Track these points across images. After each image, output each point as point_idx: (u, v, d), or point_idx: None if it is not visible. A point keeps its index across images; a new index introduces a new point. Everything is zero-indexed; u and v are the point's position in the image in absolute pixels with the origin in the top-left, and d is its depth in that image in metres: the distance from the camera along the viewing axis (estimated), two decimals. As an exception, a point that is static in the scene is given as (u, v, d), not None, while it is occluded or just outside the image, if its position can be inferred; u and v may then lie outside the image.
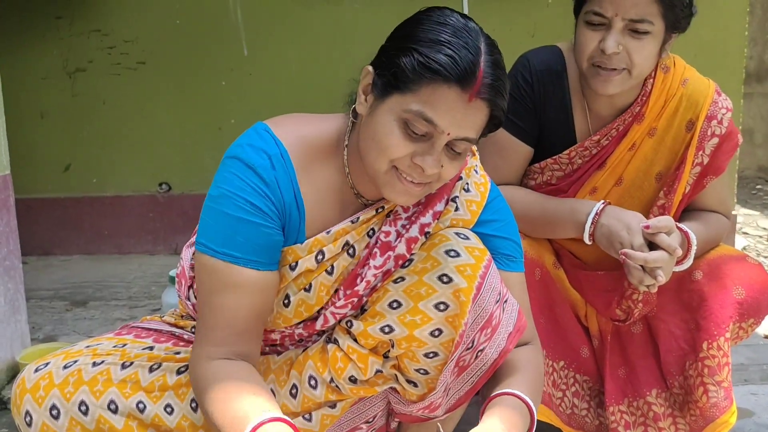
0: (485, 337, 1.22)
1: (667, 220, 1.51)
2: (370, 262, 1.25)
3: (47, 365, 1.28)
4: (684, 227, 1.58)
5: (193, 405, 1.27)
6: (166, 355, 1.31)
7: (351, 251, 1.27)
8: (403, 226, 1.27)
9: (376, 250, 1.26)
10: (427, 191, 1.20)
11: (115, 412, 1.25)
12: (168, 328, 1.41)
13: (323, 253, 1.24)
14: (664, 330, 1.68)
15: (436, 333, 1.19)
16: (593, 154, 1.69)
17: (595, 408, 1.74)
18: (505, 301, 1.25)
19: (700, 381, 1.58)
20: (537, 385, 1.28)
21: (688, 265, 1.60)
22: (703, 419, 1.59)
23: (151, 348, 1.33)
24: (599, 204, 1.59)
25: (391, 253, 1.25)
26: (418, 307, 1.19)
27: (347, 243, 1.26)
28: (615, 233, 1.54)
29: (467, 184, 1.32)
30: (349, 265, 1.27)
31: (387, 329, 1.21)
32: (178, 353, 1.32)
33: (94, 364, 1.28)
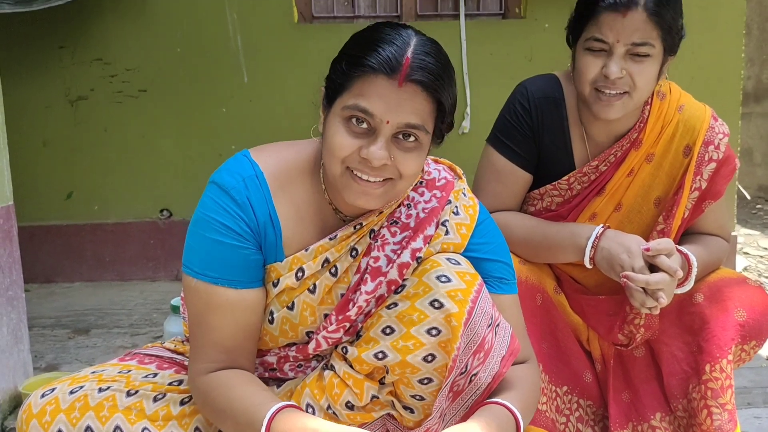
0: (478, 362, 1.22)
1: (667, 243, 1.52)
2: (362, 288, 1.27)
3: (53, 391, 1.29)
4: (684, 250, 1.58)
5: None
6: (170, 385, 1.32)
7: (333, 270, 1.29)
8: (394, 251, 1.28)
9: (367, 276, 1.27)
10: (390, 191, 1.22)
11: (120, 437, 1.25)
12: (170, 355, 1.43)
13: (303, 271, 1.27)
14: (667, 353, 1.68)
15: (429, 358, 1.19)
16: (592, 180, 1.70)
17: (600, 433, 1.73)
18: (498, 325, 1.25)
19: (704, 404, 1.58)
20: (529, 399, 1.29)
21: (689, 287, 1.60)
22: (708, 442, 1.58)
23: (155, 375, 1.34)
24: (599, 228, 1.60)
25: (382, 279, 1.27)
26: (411, 332, 1.19)
27: (327, 260, 1.29)
28: (615, 256, 1.54)
29: (456, 207, 1.34)
30: (333, 286, 1.30)
31: (381, 355, 1.21)
32: (181, 382, 1.33)
33: (100, 390, 1.28)
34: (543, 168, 1.73)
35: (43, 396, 1.28)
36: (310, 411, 1.27)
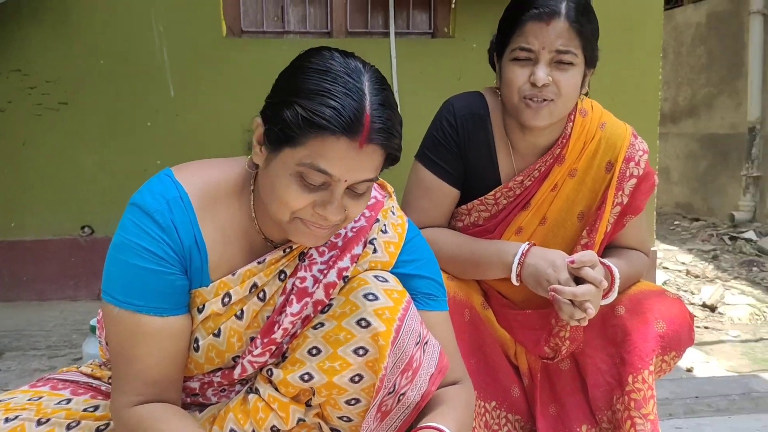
0: (406, 380, 1.20)
1: (590, 255, 1.56)
2: (287, 310, 1.23)
3: None
4: (607, 262, 1.62)
5: None
6: (85, 411, 1.25)
7: (261, 295, 1.25)
8: (320, 271, 1.26)
9: (292, 297, 1.24)
10: (336, 231, 1.21)
11: (29, 471, 1.18)
12: (86, 379, 1.35)
13: (230, 296, 1.22)
14: (591, 365, 1.71)
15: (356, 379, 1.17)
16: (517, 195, 1.73)
17: (528, 447, 1.75)
18: (426, 343, 1.24)
19: (628, 415, 1.61)
20: (464, 421, 1.27)
21: (613, 298, 1.64)
22: (632, 453, 1.62)
23: (69, 401, 1.27)
24: (525, 245, 1.63)
25: (308, 299, 1.24)
26: (338, 353, 1.17)
27: (255, 285, 1.24)
28: (542, 271, 1.57)
29: (384, 225, 1.32)
30: (260, 311, 1.25)
31: (307, 377, 1.19)
32: (96, 407, 1.26)
33: (7, 420, 1.20)
34: (470, 183, 1.75)
35: None
36: None
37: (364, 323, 1.17)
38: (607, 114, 1.76)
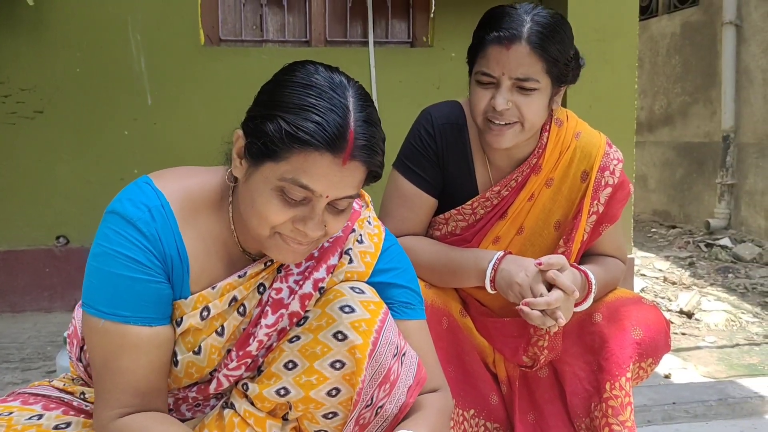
0: (384, 393, 1.19)
1: (558, 258, 1.56)
2: (262, 321, 1.22)
3: None
4: (583, 268, 1.63)
5: None
6: (56, 428, 1.21)
7: (241, 309, 1.23)
8: (296, 282, 1.24)
9: (267, 308, 1.22)
10: (316, 246, 1.19)
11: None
12: (57, 394, 1.31)
13: (209, 310, 1.20)
14: (569, 373, 1.72)
15: (333, 392, 1.16)
16: (495, 205, 1.73)
17: (507, 455, 1.74)
18: (404, 354, 1.23)
19: (605, 422, 1.62)
20: (438, 427, 1.25)
21: (588, 304, 1.64)
22: (610, 460, 1.62)
23: (40, 416, 1.23)
24: (500, 253, 1.63)
25: (284, 311, 1.22)
26: (314, 366, 1.16)
27: (235, 299, 1.22)
28: (514, 275, 1.57)
29: (360, 235, 1.31)
30: (240, 325, 1.23)
31: (283, 391, 1.17)
32: (68, 424, 1.23)
33: None
34: (447, 193, 1.75)
35: None
36: None
37: (340, 336, 1.16)
38: (582, 123, 1.77)
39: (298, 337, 1.19)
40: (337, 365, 1.15)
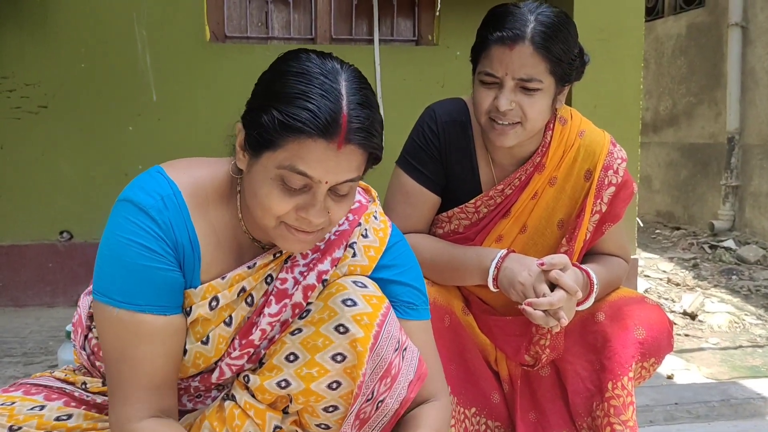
0: (385, 387, 1.19)
1: (560, 257, 1.56)
2: (265, 310, 1.22)
3: None
4: (585, 267, 1.62)
5: None
6: (58, 420, 1.22)
7: (249, 299, 1.24)
8: (301, 273, 1.25)
9: (271, 297, 1.23)
10: (322, 236, 1.19)
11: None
12: (59, 384, 1.31)
13: (217, 300, 1.20)
14: (571, 372, 1.71)
15: (334, 385, 1.16)
16: (498, 203, 1.73)
17: (508, 454, 1.74)
18: (405, 349, 1.23)
19: (607, 421, 1.61)
20: None
21: (590, 304, 1.64)
22: (611, 459, 1.62)
23: (42, 407, 1.24)
24: (503, 251, 1.63)
25: (287, 301, 1.23)
26: (315, 359, 1.16)
27: (243, 289, 1.22)
28: (517, 274, 1.56)
29: (366, 230, 1.31)
30: (246, 314, 1.24)
31: (284, 384, 1.17)
32: (70, 416, 1.23)
33: None
34: (450, 191, 1.74)
35: None
36: None
37: (342, 329, 1.16)
38: (586, 122, 1.76)
39: (300, 330, 1.19)
40: (339, 358, 1.15)
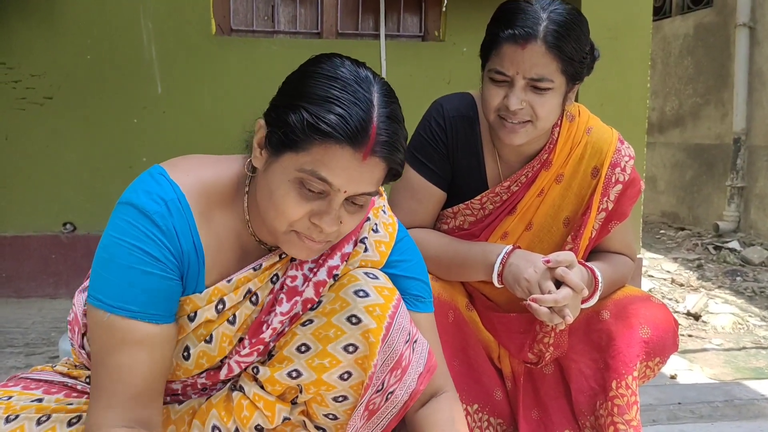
0: (395, 379, 1.19)
1: (566, 254, 1.54)
2: (276, 309, 1.21)
3: None
4: (590, 265, 1.61)
5: None
6: (57, 406, 1.21)
7: (254, 299, 1.22)
8: (311, 270, 1.23)
9: (282, 295, 1.21)
10: (329, 244, 1.17)
11: (-2, 468, 1.14)
12: (60, 379, 1.30)
13: (224, 303, 1.19)
14: (575, 370, 1.70)
15: (345, 376, 1.16)
16: (504, 200, 1.72)
17: (510, 451, 1.73)
18: (415, 341, 1.23)
19: (611, 420, 1.60)
20: None
21: (594, 301, 1.63)
22: (614, 459, 1.61)
23: (41, 400, 1.22)
24: (509, 247, 1.61)
25: (298, 298, 1.22)
26: (327, 349, 1.16)
27: (249, 291, 1.21)
28: (523, 270, 1.55)
29: (375, 224, 1.30)
30: (252, 313, 1.22)
31: (295, 374, 1.17)
32: (70, 404, 1.22)
33: None
34: (456, 186, 1.73)
35: None
36: None
37: (354, 320, 1.16)
38: (594, 119, 1.75)
39: (312, 321, 1.19)
40: (350, 349, 1.15)
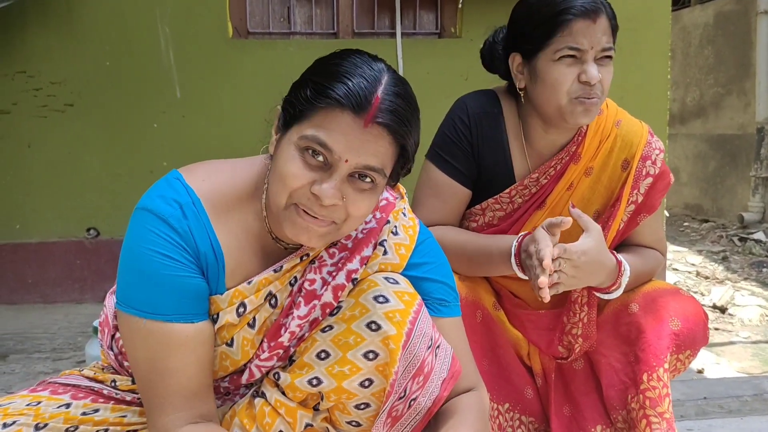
0: (417, 385, 1.17)
1: (561, 218, 1.49)
2: (294, 312, 1.20)
3: None
4: (617, 254, 1.59)
5: None
6: (84, 416, 1.22)
7: (273, 301, 1.22)
8: (329, 273, 1.22)
9: (300, 299, 1.20)
10: (336, 231, 1.14)
11: (29, 475, 1.15)
12: (87, 383, 1.30)
13: (245, 306, 1.18)
14: (605, 364, 1.68)
15: (366, 383, 1.14)
16: (533, 194, 1.70)
17: (541, 449, 1.72)
18: (438, 347, 1.20)
19: (643, 413, 1.58)
20: (479, 429, 1.22)
21: (620, 290, 1.61)
22: (648, 452, 1.58)
23: (68, 405, 1.23)
24: (523, 233, 1.59)
25: (316, 302, 1.20)
26: (347, 357, 1.14)
27: (270, 293, 1.21)
28: (533, 237, 1.50)
29: (395, 227, 1.28)
30: (271, 315, 1.22)
31: (315, 381, 1.15)
32: (96, 411, 1.23)
33: (5, 426, 1.16)
34: (483, 183, 1.72)
35: None
36: None
37: (374, 326, 1.14)
38: (622, 112, 1.73)
39: (331, 327, 1.18)
40: (371, 356, 1.13)
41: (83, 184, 3.53)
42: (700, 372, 2.73)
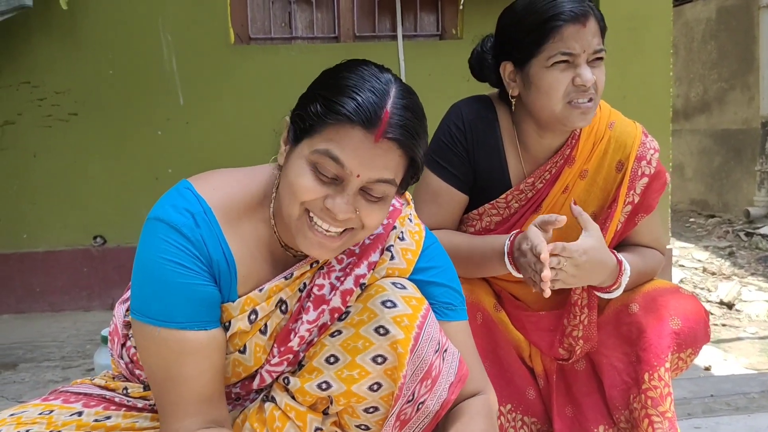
0: (426, 389, 1.19)
1: (553, 215, 1.51)
2: (303, 317, 1.22)
3: None
4: (617, 254, 1.60)
5: None
6: (96, 422, 1.23)
7: (283, 307, 1.23)
8: (338, 278, 1.24)
9: (309, 304, 1.22)
10: (348, 242, 1.17)
11: (41, 484, 1.17)
12: (99, 392, 1.32)
13: (256, 313, 1.20)
14: (607, 365, 1.69)
15: (375, 387, 1.16)
16: (529, 198, 1.71)
17: (544, 450, 1.73)
18: (445, 351, 1.22)
19: (645, 413, 1.59)
20: (487, 431, 1.24)
21: (620, 290, 1.61)
22: (650, 452, 1.59)
23: (80, 413, 1.25)
24: (515, 232, 1.60)
25: (325, 307, 1.22)
26: (356, 361, 1.16)
27: (281, 300, 1.22)
28: (525, 235, 1.51)
29: (402, 232, 1.30)
30: (281, 321, 1.24)
31: (324, 385, 1.17)
32: (108, 418, 1.25)
33: None
34: (480, 188, 1.73)
35: None
36: None
37: (382, 331, 1.16)
38: (615, 113, 1.74)
39: (340, 332, 1.19)
40: (379, 360, 1.15)
41: (89, 192, 3.55)
42: (707, 369, 2.72)
